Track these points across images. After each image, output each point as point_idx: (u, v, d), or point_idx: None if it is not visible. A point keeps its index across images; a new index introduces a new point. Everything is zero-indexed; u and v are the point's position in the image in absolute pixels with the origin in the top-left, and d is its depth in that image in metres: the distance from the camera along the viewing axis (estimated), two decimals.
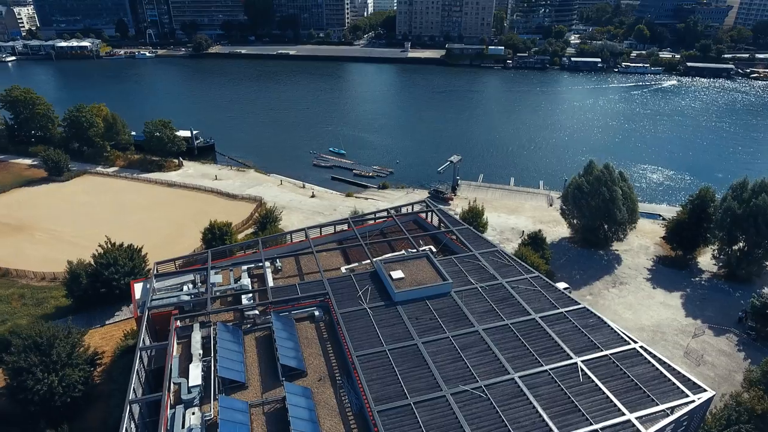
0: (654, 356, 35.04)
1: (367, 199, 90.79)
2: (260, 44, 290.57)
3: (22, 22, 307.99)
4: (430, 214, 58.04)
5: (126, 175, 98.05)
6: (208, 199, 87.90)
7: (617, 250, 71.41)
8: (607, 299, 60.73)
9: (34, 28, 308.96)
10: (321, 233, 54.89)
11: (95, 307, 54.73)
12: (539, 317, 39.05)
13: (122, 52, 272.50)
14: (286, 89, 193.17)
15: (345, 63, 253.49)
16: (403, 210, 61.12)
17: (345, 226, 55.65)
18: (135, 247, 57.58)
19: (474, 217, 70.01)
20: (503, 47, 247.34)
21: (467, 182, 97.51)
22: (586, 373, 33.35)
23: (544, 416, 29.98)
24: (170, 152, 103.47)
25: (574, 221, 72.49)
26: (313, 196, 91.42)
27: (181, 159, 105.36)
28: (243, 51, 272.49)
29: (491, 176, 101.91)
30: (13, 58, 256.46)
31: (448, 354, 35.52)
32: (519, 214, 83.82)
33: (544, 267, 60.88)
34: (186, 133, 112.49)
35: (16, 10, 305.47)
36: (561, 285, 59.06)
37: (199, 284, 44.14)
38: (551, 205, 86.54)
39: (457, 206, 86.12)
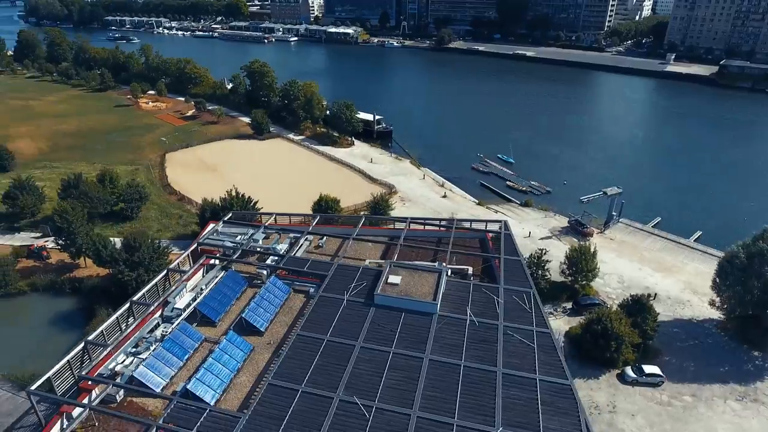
0: None
1: (496, 212, 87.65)
2: (502, 43, 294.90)
3: (313, 10, 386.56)
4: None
5: (306, 144, 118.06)
6: (351, 177, 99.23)
7: None
8: (715, 411, 46.21)
9: (320, 15, 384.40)
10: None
11: None
12: (503, 373, 34.37)
13: (376, 40, 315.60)
14: (503, 90, 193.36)
15: (587, 70, 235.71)
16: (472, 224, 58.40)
17: (403, 225, 57.06)
18: (251, 198, 71.45)
19: (580, 259, 61.20)
20: None
21: (629, 222, 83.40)
22: None
23: None
24: (346, 131, 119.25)
25: (732, 302, 55.77)
26: (444, 196, 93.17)
27: (353, 138, 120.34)
28: (481, 48, 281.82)
29: (672, 224, 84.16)
30: (296, 39, 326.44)
31: (374, 367, 35.13)
32: (669, 275, 68.39)
33: (635, 339, 50.22)
34: (369, 116, 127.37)
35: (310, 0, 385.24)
36: (650, 368, 48.74)
37: (247, 237, 53.35)
38: None
39: (593, 244, 75.79)
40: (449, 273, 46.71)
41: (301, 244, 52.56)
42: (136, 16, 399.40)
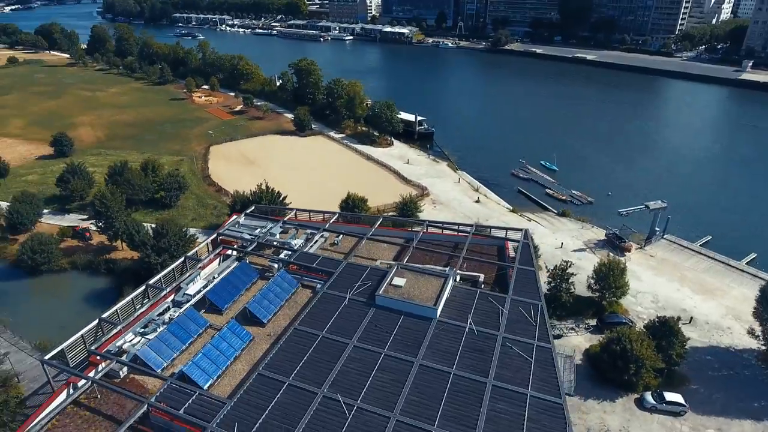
0: None
1: (530, 220, 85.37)
2: (562, 45, 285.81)
3: (371, 9, 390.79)
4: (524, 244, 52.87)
5: (346, 142, 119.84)
6: (385, 177, 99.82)
7: None
8: None
9: (377, 15, 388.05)
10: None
11: None
12: (493, 384, 33.62)
13: (430, 40, 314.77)
14: (557, 94, 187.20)
15: (652, 76, 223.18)
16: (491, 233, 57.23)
17: (421, 228, 56.93)
18: (280, 193, 73.64)
19: (608, 274, 58.47)
20: None
21: (675, 239, 78.62)
22: None
23: None
24: (386, 131, 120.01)
25: None
26: (477, 201, 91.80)
27: (392, 138, 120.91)
28: (538, 50, 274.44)
29: (724, 244, 78.44)
30: (351, 38, 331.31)
31: (364, 366, 35.40)
32: (711, 298, 63.97)
33: (658, 363, 47.57)
34: (410, 117, 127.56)
35: None
36: (672, 395, 46.43)
37: (265, 231, 55.07)
38: None
39: (629, 258, 72.41)
40: (458, 279, 46.21)
41: (316, 241, 53.65)
42: (202, 13, 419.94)
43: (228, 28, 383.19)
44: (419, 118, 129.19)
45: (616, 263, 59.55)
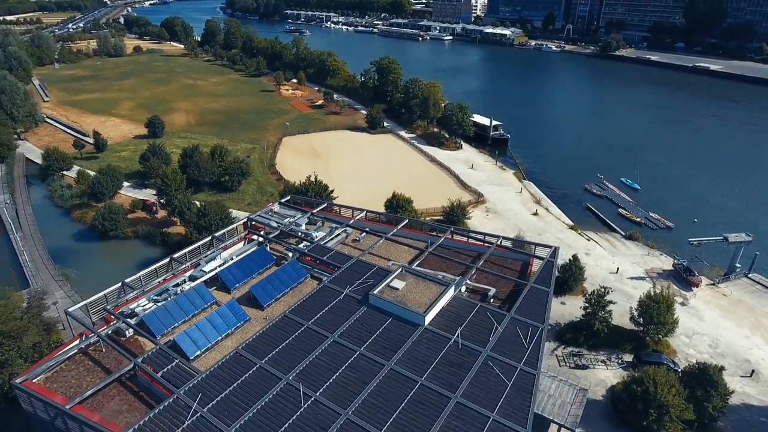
0: None
1: (589, 240, 79.84)
2: (683, 53, 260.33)
3: (476, 9, 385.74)
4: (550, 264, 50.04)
5: (414, 142, 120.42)
6: (443, 180, 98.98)
7: None
8: None
9: (482, 15, 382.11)
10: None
11: None
12: (457, 401, 32.56)
13: (533, 43, 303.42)
14: (664, 106, 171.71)
15: None
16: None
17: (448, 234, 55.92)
18: (327, 186, 76.53)
19: (652, 307, 53.11)
20: None
21: (760, 279, 68.97)
22: None
23: None
24: (456, 133, 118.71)
25: None
26: (535, 213, 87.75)
27: (461, 141, 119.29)
28: (653, 58, 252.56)
29: None
30: (450, 38, 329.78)
31: (334, 361, 36.12)
32: None
33: (687, 415, 42.73)
34: (485, 121, 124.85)
35: None
36: None
37: (291, 221, 57.69)
38: None
39: (695, 294, 65.32)
40: (463, 290, 45.01)
41: (337, 235, 55.11)
42: (311, 10, 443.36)
43: (332, 25, 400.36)
44: (495, 122, 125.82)
45: (663, 297, 53.88)
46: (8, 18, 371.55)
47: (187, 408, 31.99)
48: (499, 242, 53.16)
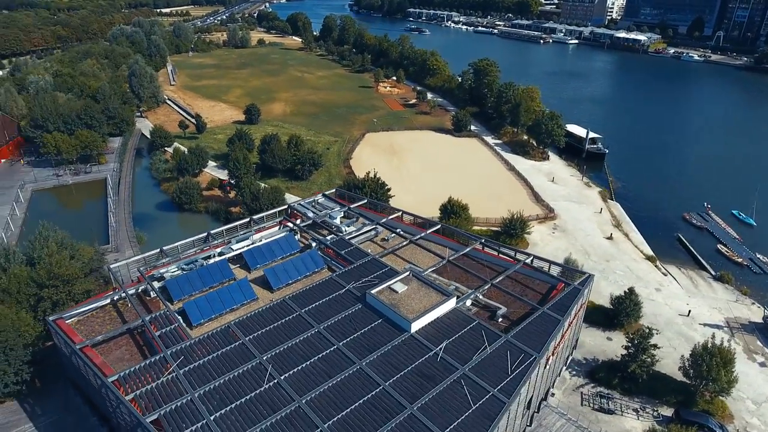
0: None
1: (665, 274, 71.90)
2: None
3: (611, 12, 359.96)
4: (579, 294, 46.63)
5: (497, 148, 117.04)
6: (516, 191, 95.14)
7: None
8: None
9: (618, 18, 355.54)
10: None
11: None
12: (410, 413, 32.20)
13: (671, 51, 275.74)
14: None
15: None
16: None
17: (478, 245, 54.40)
18: (385, 183, 78.22)
19: (705, 361, 46.74)
20: None
21: None
22: None
23: None
24: (544, 143, 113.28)
25: None
26: (609, 237, 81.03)
27: (548, 152, 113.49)
28: None
29: None
30: (575, 41, 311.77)
31: (310, 350, 37.73)
32: None
33: None
34: (581, 132, 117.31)
35: (610, 0, 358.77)
36: None
37: (326, 213, 60.14)
38: None
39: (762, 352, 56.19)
40: (468, 303, 43.77)
41: (366, 232, 56.43)
42: (434, 9, 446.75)
43: (452, 25, 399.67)
44: (593, 135, 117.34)
45: (722, 349, 47.12)
46: (164, 10, 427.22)
47: (167, 367, 35.66)
48: (528, 260, 50.61)
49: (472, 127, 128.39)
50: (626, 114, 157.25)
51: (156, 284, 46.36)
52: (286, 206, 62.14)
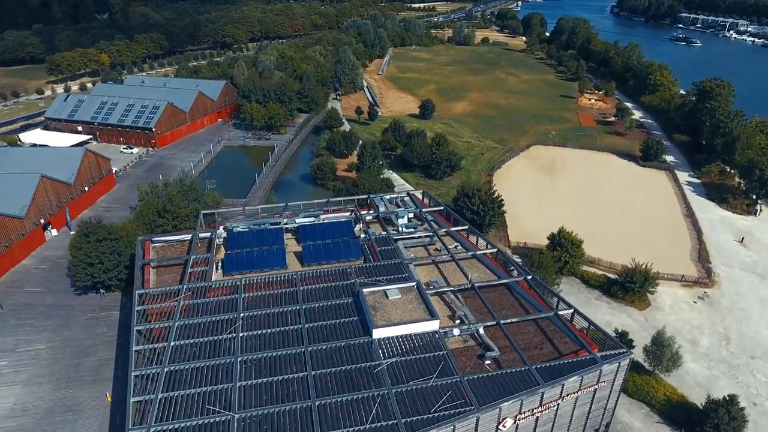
0: None
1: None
2: None
3: None
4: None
5: (688, 189, 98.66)
6: (678, 245, 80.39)
7: None
8: None
9: None
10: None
11: None
12: (310, 405, 33.95)
13: None
14: None
15: None
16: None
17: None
18: (499, 198, 76.40)
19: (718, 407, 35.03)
20: None
21: None
22: None
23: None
24: (756, 192, 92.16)
25: None
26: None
27: (762, 206, 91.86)
28: None
29: None
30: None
31: (277, 322, 42.38)
32: None
33: None
34: None
35: None
36: None
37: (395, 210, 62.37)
38: None
39: None
40: (456, 333, 41.66)
41: (420, 237, 57.09)
42: (714, 15, 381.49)
43: (734, 35, 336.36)
44: None
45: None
46: (415, 5, 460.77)
47: (175, 299, 44.43)
48: (569, 311, 44.72)
49: (668, 158, 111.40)
50: None
51: (223, 234, 56.30)
52: (365, 196, 66.47)
